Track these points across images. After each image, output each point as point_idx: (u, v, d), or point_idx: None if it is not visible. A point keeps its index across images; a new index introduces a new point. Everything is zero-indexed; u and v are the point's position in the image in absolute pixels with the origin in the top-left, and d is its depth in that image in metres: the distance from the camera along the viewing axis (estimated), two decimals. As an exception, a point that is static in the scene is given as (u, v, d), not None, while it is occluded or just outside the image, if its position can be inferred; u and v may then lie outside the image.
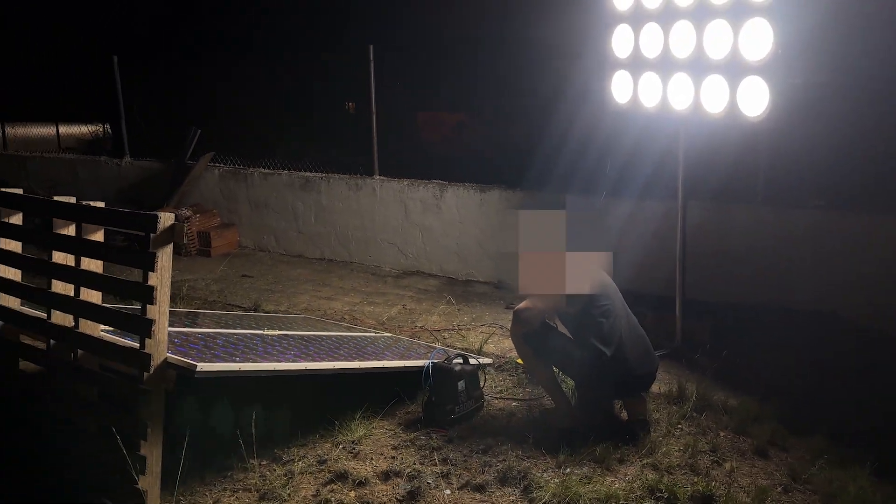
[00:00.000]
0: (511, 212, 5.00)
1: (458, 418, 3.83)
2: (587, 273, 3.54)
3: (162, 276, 2.79)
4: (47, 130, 11.93)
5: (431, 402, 3.85)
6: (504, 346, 4.85)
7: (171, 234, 2.82)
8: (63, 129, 12.01)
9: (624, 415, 3.84)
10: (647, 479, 3.23)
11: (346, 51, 7.55)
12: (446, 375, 3.81)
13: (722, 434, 3.73)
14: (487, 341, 4.90)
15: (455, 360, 3.92)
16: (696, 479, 3.25)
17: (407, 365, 3.99)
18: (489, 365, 4.52)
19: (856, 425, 3.71)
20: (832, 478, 3.21)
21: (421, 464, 3.42)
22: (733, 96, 3.91)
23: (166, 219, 2.77)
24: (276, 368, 3.21)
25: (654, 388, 4.19)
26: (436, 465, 3.40)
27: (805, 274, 5.02)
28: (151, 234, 2.76)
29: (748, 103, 3.85)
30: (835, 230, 4.94)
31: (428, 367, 3.84)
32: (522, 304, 3.65)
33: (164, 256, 2.79)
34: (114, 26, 11.62)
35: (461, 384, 3.84)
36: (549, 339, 3.69)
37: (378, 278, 6.73)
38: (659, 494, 3.13)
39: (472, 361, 4.04)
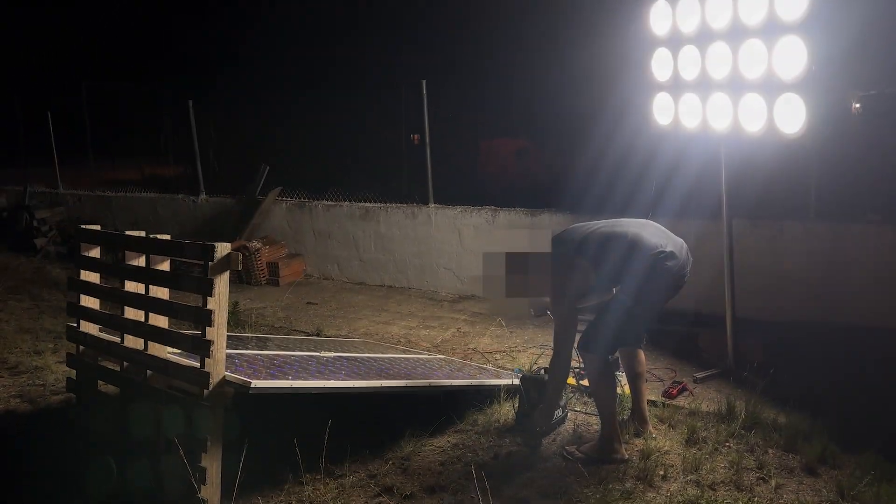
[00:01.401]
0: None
1: (553, 425, 4.00)
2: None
3: (219, 301, 3.05)
4: (132, 173, 12.79)
5: (525, 409, 4.01)
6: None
7: (228, 262, 3.08)
8: (148, 170, 12.85)
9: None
10: (688, 495, 3.27)
11: (404, 86, 7.86)
12: (539, 385, 3.95)
13: (770, 452, 3.71)
14: (537, 361, 4.99)
15: (543, 373, 4.08)
16: (738, 496, 3.26)
17: (455, 383, 4.14)
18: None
19: (910, 441, 3.62)
20: (880, 493, 3.16)
21: (466, 479, 3.55)
22: (770, 114, 3.93)
23: (222, 248, 3.03)
24: (326, 386, 3.42)
25: (703, 406, 4.21)
26: (480, 480, 3.51)
27: (859, 290, 4.92)
28: (209, 263, 3.03)
29: (785, 120, 3.87)
30: (891, 245, 4.83)
31: (522, 377, 4.14)
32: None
33: (221, 283, 3.05)
34: (186, 70, 12.40)
35: None
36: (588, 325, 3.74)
37: (434, 303, 6.92)
38: (699, 510, 3.16)
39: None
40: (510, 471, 3.62)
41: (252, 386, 3.01)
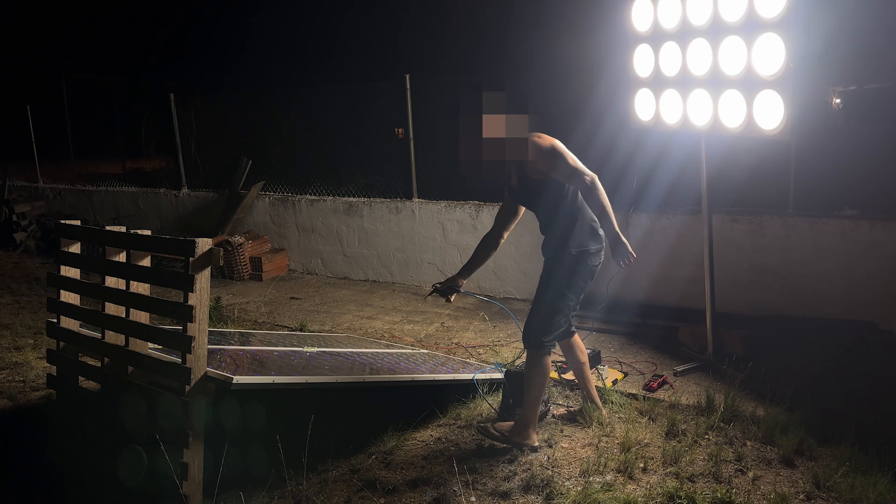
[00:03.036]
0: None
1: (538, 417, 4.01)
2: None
3: (200, 297, 3.05)
4: (114, 167, 12.68)
5: (509, 404, 4.05)
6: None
7: (209, 258, 3.07)
8: (130, 164, 12.74)
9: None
10: (667, 487, 3.30)
11: (388, 80, 7.84)
12: (522, 379, 3.98)
13: (749, 444, 3.76)
14: (521, 356, 5.02)
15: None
16: (716, 487, 3.30)
17: (438, 378, 4.16)
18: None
19: (884, 433, 3.68)
20: (854, 484, 3.22)
21: (448, 472, 3.57)
22: (750, 111, 3.97)
23: (203, 244, 3.03)
24: (309, 381, 3.42)
25: (683, 399, 4.26)
26: (463, 473, 3.54)
27: (837, 284, 4.99)
28: (190, 259, 3.02)
29: (764, 117, 3.91)
30: (868, 240, 4.90)
31: (506, 372, 4.13)
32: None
33: (202, 279, 3.05)
34: (169, 66, 12.30)
35: None
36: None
37: (418, 298, 6.93)
38: (678, 501, 3.19)
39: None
40: (492, 464, 3.65)
41: (234, 381, 3.01)
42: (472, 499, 3.36)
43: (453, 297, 4.04)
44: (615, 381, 4.57)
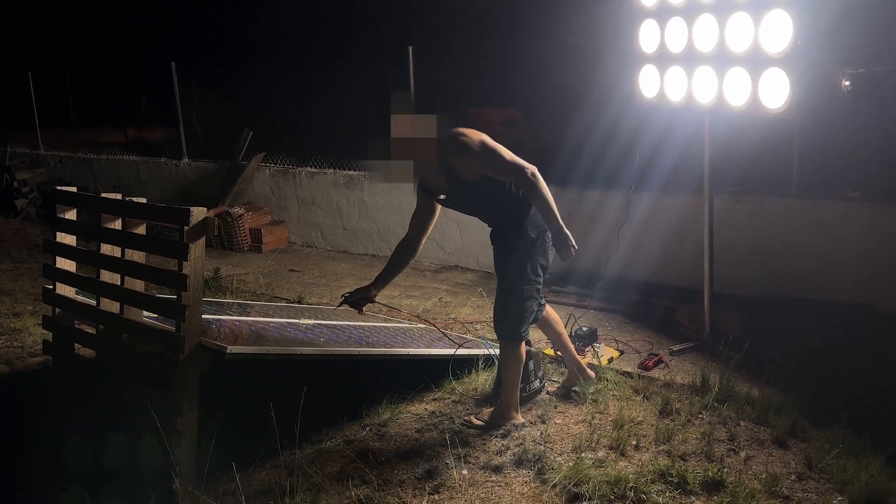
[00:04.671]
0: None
1: (528, 396, 4.02)
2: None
3: (195, 266, 3.03)
4: (116, 136, 12.61)
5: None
6: (532, 336, 4.96)
7: (204, 227, 3.06)
8: (132, 133, 12.66)
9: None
10: (659, 465, 3.31)
11: (390, 53, 7.76)
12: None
13: (742, 424, 3.77)
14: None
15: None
16: (708, 466, 3.31)
17: (432, 352, 4.16)
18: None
19: (878, 416, 3.68)
20: (846, 466, 3.22)
21: (441, 446, 3.58)
22: (755, 89, 3.92)
23: (198, 213, 3.01)
24: (303, 352, 3.42)
25: (678, 378, 4.26)
26: (455, 447, 3.55)
27: (837, 266, 4.96)
28: (185, 227, 3.01)
29: (769, 95, 3.86)
30: (869, 222, 4.86)
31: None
32: None
33: (197, 247, 3.03)
34: (173, 34, 12.18)
35: (531, 364, 3.99)
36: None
37: (417, 272, 6.92)
38: (669, 479, 3.20)
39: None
40: (485, 438, 3.66)
41: (228, 351, 3.01)
42: (465, 472, 3.38)
43: (365, 308, 3.81)
44: (611, 359, 4.57)
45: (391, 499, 3.18)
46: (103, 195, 3.43)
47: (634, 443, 3.56)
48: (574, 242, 3.31)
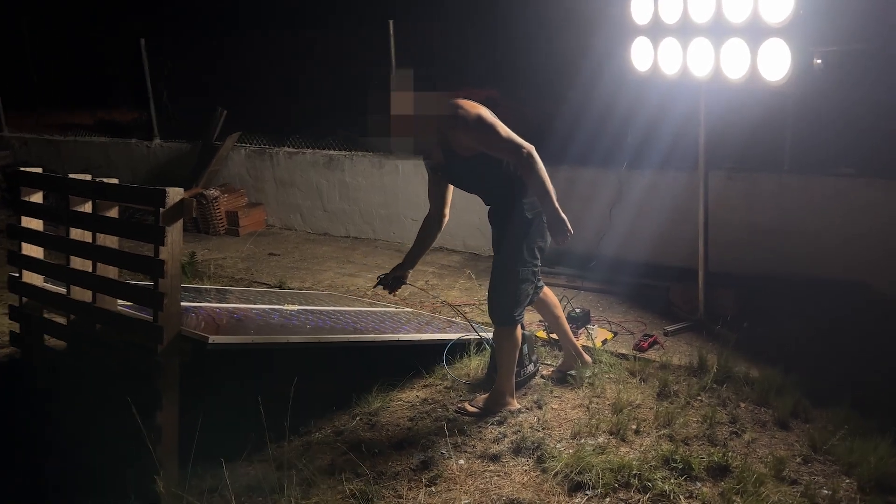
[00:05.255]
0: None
1: (523, 381, 3.88)
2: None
3: (172, 251, 2.84)
4: (84, 117, 12.17)
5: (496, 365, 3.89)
6: (526, 319, 4.83)
7: (181, 209, 2.86)
8: (101, 115, 12.23)
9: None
10: (662, 450, 3.20)
11: (368, 27, 7.50)
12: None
13: (742, 405, 3.68)
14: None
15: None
16: (712, 450, 3.21)
17: (424, 338, 4.01)
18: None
19: (881, 396, 3.61)
20: (853, 448, 3.14)
21: (436, 434, 3.45)
22: (754, 60, 3.79)
23: (175, 194, 2.81)
24: (290, 341, 3.25)
25: (675, 359, 4.16)
26: (451, 435, 3.41)
27: (831, 244, 4.88)
28: (161, 210, 2.81)
29: (769, 67, 3.73)
30: (864, 198, 4.78)
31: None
32: None
33: (174, 231, 2.83)
34: (142, 9, 11.75)
35: (525, 348, 3.85)
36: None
37: (401, 255, 6.65)
38: (674, 464, 3.10)
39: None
40: (481, 426, 3.53)
41: (210, 341, 2.82)
42: (461, 461, 3.25)
43: (398, 289, 3.81)
44: (604, 341, 4.46)
45: (386, 492, 3.03)
46: (71, 176, 3.20)
47: (634, 427, 3.45)
48: (570, 227, 3.18)
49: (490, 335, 4.18)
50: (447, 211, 3.71)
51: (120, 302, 3.20)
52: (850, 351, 4.15)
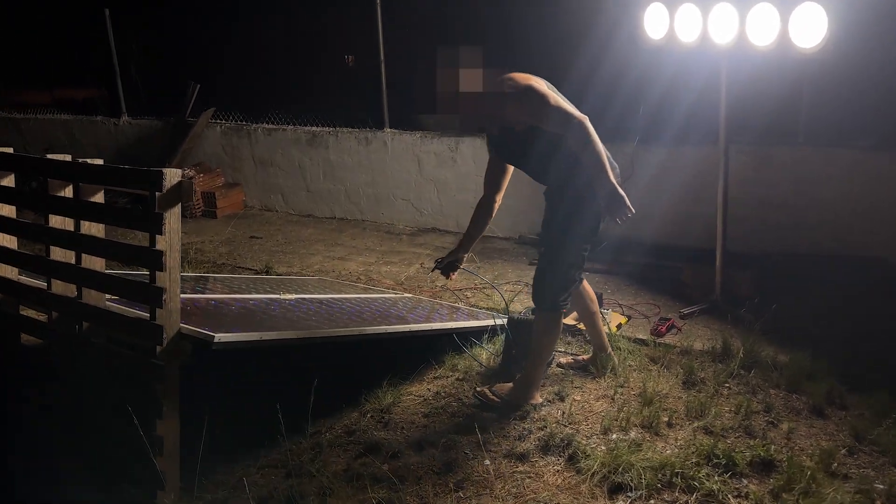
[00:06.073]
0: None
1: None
2: None
3: (171, 240, 2.52)
4: (42, 96, 11.51)
5: (512, 355, 3.67)
6: (522, 307, 4.60)
7: (179, 192, 2.54)
8: (60, 93, 11.58)
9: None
10: (700, 444, 3.00)
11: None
12: (526, 329, 3.58)
13: (773, 392, 3.50)
14: (513, 300, 4.64)
15: (530, 315, 3.70)
16: (752, 443, 3.02)
17: (435, 327, 3.76)
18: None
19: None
20: (902, 437, 2.98)
21: (455, 432, 3.20)
22: (784, 26, 3.57)
23: (172, 175, 2.48)
24: (302, 336, 2.96)
25: (696, 344, 3.97)
26: (472, 433, 3.17)
27: (849, 218, 4.72)
28: (157, 193, 2.48)
29: (802, 33, 3.51)
30: (883, 171, 4.62)
31: (509, 320, 3.76)
32: None
33: (173, 218, 2.52)
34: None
35: None
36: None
37: (392, 236, 6.45)
38: (716, 460, 2.89)
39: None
40: (502, 422, 3.29)
41: (216, 340, 2.52)
42: (487, 462, 3.01)
43: (454, 274, 3.68)
44: (619, 326, 4.25)
45: (411, 499, 2.78)
46: (50, 156, 2.84)
47: (666, 419, 3.24)
48: (630, 204, 2.94)
49: (496, 322, 3.95)
50: (500, 197, 3.52)
51: (107, 297, 2.87)
52: (874, 331, 4.00)
